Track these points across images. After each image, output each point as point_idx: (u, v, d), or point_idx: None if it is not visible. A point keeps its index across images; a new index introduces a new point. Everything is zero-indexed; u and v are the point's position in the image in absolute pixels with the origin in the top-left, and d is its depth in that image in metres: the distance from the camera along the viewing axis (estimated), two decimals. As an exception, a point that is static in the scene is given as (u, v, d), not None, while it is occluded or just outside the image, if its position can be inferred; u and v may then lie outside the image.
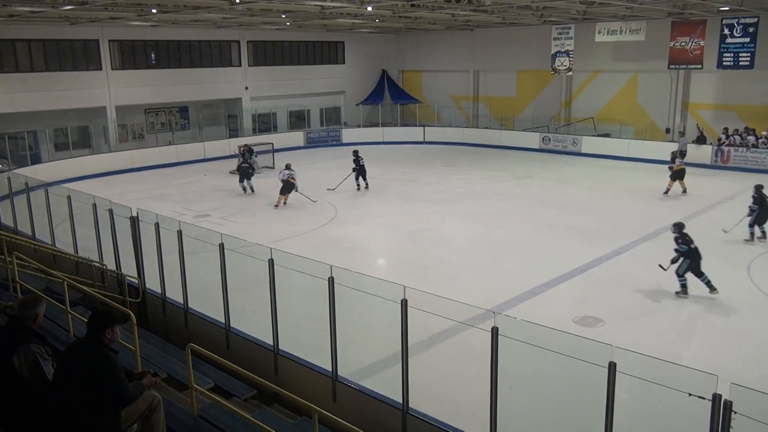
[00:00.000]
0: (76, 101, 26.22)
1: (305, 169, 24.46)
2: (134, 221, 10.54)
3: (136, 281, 10.63)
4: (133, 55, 28.27)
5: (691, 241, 11.84)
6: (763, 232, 15.06)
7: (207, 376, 7.60)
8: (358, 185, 21.70)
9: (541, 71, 30.44)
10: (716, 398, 4.63)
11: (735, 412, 4.58)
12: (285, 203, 19.43)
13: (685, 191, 20.30)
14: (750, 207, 15.10)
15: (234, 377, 7.68)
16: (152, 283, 10.59)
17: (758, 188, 15.15)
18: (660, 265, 11.99)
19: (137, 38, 27.88)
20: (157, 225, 9.96)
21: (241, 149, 23.59)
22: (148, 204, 17.32)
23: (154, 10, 20.74)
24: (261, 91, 32.23)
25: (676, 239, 11.95)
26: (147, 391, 5.02)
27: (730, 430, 4.62)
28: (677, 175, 20.32)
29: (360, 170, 21.63)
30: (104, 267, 11.50)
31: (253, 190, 21.54)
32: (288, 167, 19.80)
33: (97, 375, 4.59)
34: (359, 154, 21.77)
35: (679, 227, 12.08)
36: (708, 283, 11.72)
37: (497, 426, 6.18)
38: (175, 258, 9.77)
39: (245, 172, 21.68)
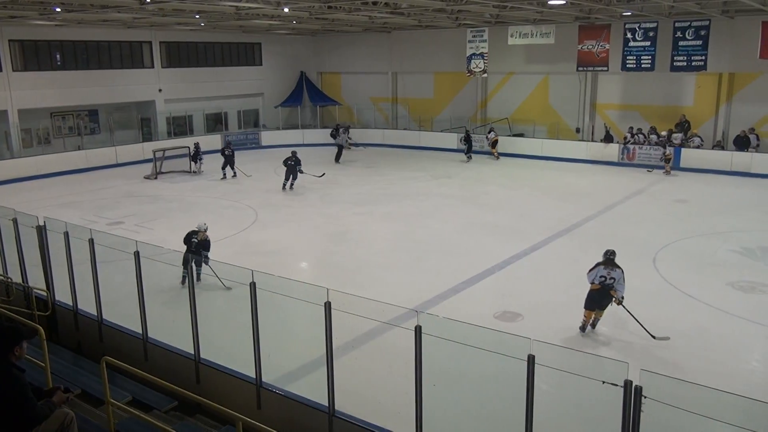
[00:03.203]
0: (-27, 105, 24.66)
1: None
2: (41, 230, 10.01)
3: (45, 294, 10.11)
4: (37, 56, 26.80)
5: (288, 160, 21.46)
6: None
7: (124, 390, 7.34)
8: (224, 174, 24.30)
9: (458, 73, 31.05)
10: (627, 384, 4.86)
11: (645, 397, 4.83)
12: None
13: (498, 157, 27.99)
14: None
15: (153, 389, 7.44)
16: (63, 296, 10.10)
17: (468, 132, 28.45)
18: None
19: (41, 38, 26.48)
20: (66, 234, 9.51)
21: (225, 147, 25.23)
22: (56, 212, 16.54)
23: (57, 9, 19.76)
24: (175, 94, 31.30)
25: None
26: (58, 409, 4.79)
27: (641, 413, 4.87)
28: (494, 144, 28.12)
29: (227, 159, 24.34)
30: (9, 280, 10.86)
31: (225, 176, 24.29)
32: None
33: (2, 396, 4.34)
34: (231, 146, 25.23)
35: (293, 153, 21.54)
36: (285, 183, 21.64)
37: (422, 423, 6.26)
38: (87, 268, 9.36)
39: (228, 159, 24.38)
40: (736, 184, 22.25)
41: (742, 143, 24.05)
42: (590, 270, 10.32)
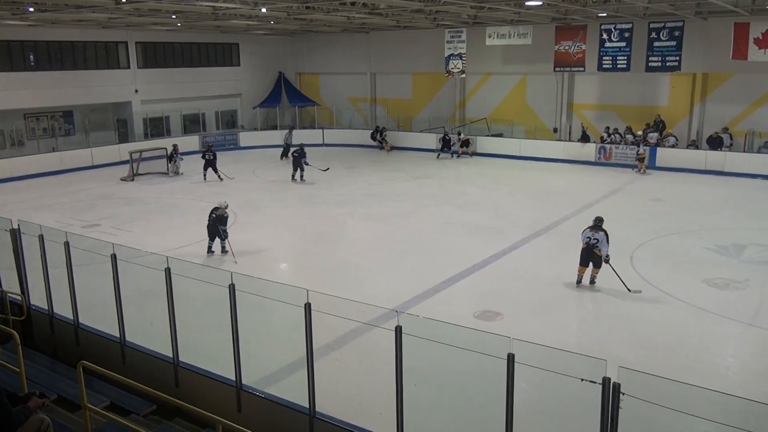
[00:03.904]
0: (-56, 106, 24.19)
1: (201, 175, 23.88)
2: (15, 234, 9.85)
3: (20, 298, 9.95)
4: (9, 57, 26.36)
5: (294, 152, 23.19)
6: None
7: (101, 394, 7.26)
8: (205, 176, 24.03)
9: (436, 73, 31.15)
10: (606, 381, 4.91)
11: (623, 393, 4.88)
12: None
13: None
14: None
15: (131, 393, 7.37)
16: (38, 300, 9.95)
17: (445, 133, 29.16)
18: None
19: (13, 38, 26.05)
20: (41, 237, 9.37)
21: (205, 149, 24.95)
22: (30, 215, 16.29)
23: (31, 9, 19.47)
24: (152, 94, 31.00)
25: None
26: (34, 415, 4.72)
27: (619, 409, 4.92)
28: (465, 144, 28.70)
29: (208, 162, 23.89)
30: (-18, 284, 10.67)
31: (205, 178, 23.99)
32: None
33: (-24, 401, 4.26)
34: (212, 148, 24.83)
35: (300, 145, 23.61)
36: (294, 175, 23.25)
37: (404, 423, 6.26)
38: (62, 272, 9.22)
39: (209, 162, 23.94)
40: (710, 183, 22.60)
41: (715, 143, 24.45)
42: (582, 232, 12.44)
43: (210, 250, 14.68)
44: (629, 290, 11.89)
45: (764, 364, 9.49)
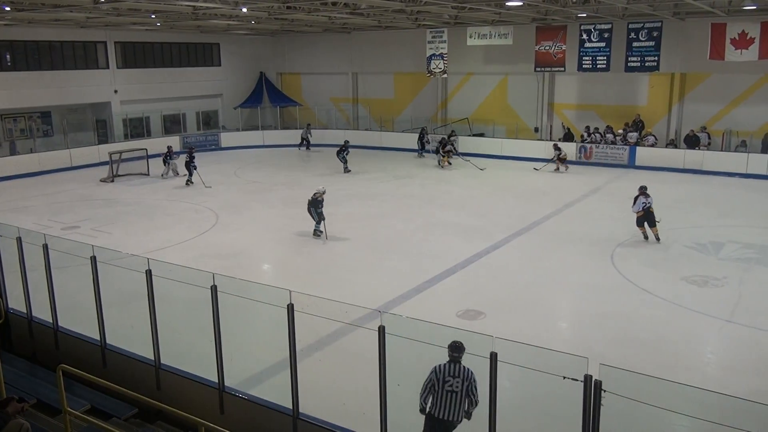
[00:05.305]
0: None
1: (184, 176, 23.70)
2: (-8, 236, 9.72)
3: (-3, 301, 9.82)
4: (-15, 57, 26.05)
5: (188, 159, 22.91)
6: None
7: (82, 398, 7.19)
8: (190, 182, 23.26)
9: (418, 73, 31.21)
10: (587, 379, 4.95)
11: (605, 391, 4.93)
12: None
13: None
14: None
15: (112, 397, 7.31)
16: (16, 303, 9.82)
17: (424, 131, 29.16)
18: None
19: (-11, 38, 25.74)
20: (19, 239, 9.25)
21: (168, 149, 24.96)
22: (8, 217, 16.09)
23: (7, 8, 19.19)
24: (132, 95, 30.71)
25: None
26: (13, 420, 4.66)
27: (601, 407, 4.97)
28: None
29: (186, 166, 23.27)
30: (-41, 288, 10.51)
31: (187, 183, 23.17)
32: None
33: (-47, 407, 4.20)
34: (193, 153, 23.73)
35: (345, 141, 24.65)
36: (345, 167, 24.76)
37: (387, 423, 6.27)
38: (41, 274, 9.11)
39: (187, 165, 23.25)
40: (689, 182, 22.88)
41: (692, 142, 24.77)
42: (633, 203, 14.82)
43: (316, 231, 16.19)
44: None
45: (742, 361, 9.62)
